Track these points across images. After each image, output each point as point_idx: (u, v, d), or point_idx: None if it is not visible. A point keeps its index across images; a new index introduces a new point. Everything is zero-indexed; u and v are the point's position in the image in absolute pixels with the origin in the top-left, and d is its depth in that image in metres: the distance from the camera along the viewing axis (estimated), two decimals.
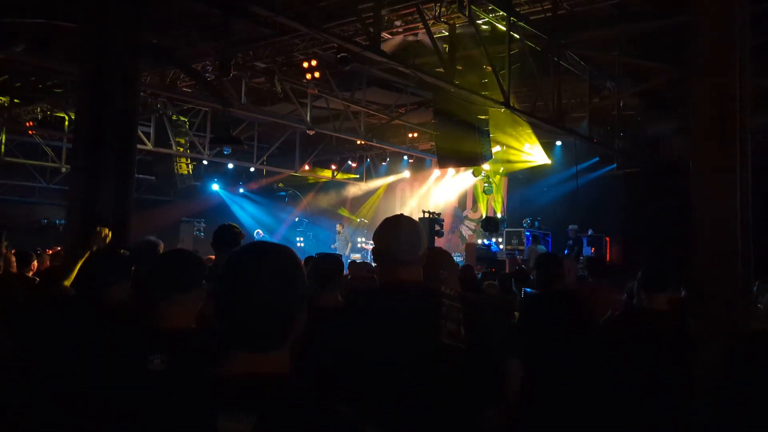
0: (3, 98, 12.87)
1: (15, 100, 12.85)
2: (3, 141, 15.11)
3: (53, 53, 9.02)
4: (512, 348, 2.65)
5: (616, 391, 3.54)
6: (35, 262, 5.72)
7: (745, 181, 3.50)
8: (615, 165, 12.96)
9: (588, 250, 12.83)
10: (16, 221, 16.47)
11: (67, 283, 2.99)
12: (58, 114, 14.25)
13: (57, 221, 17.38)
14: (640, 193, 12.54)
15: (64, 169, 16.04)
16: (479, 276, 6.93)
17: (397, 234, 2.18)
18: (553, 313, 4.04)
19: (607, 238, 13.30)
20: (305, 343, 1.38)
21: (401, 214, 2.37)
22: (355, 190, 19.14)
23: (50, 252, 10.43)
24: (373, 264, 2.59)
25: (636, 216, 12.49)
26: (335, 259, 3.30)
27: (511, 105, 9.57)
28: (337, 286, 3.09)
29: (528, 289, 5.90)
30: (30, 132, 14.87)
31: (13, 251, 5.32)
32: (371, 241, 12.46)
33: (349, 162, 18.19)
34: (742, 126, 3.40)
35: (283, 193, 20.41)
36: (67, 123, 14.34)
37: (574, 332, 3.91)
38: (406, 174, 18.09)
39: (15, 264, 5.39)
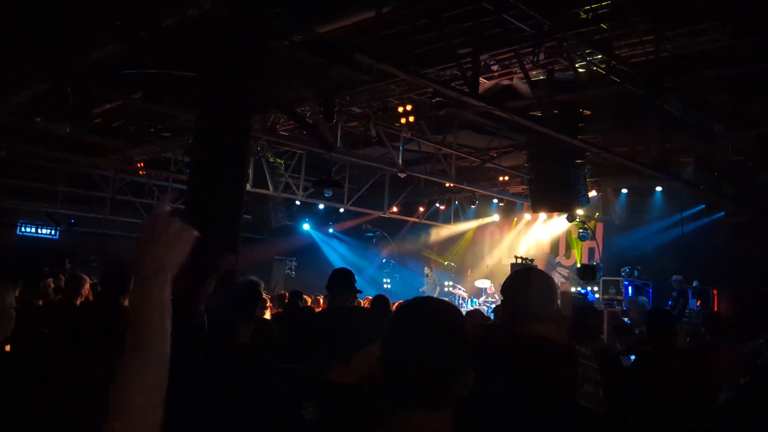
0: (118, 141, 13.86)
1: (129, 143, 13.81)
2: (116, 180, 16.27)
3: (167, 99, 9.66)
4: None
5: None
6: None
7: None
8: (723, 213, 12.21)
9: (693, 303, 12.03)
10: (122, 255, 17.53)
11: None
12: (165, 155, 15.17)
13: None
14: (750, 243, 11.73)
15: (168, 208, 16.93)
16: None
17: (531, 287, 2.11)
18: (671, 374, 3.76)
19: (714, 291, 12.44)
20: None
21: (532, 267, 2.30)
22: (442, 232, 19.04)
23: None
24: (494, 316, 2.50)
25: (746, 267, 11.66)
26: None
27: (611, 149, 9.28)
28: None
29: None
30: (141, 173, 15.89)
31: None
32: (459, 286, 12.28)
33: (437, 204, 18.18)
34: None
35: (371, 234, 20.63)
36: (173, 163, 15.23)
37: (696, 397, 3.62)
38: (496, 217, 17.83)
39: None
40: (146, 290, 1.14)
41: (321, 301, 7.73)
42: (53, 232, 18.27)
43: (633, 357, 4.99)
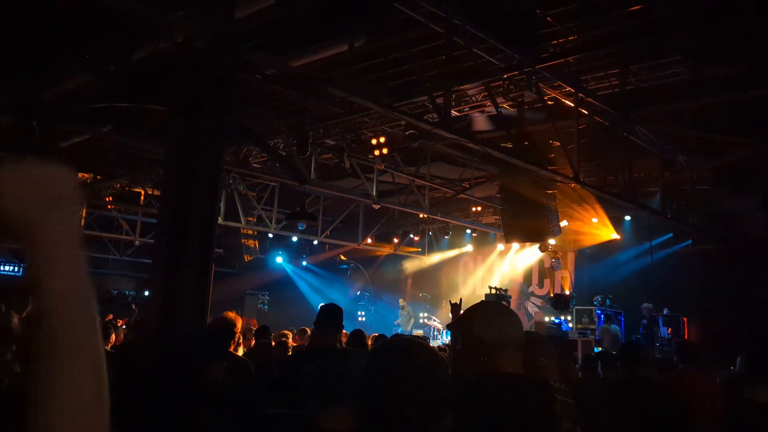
0: (87, 174, 13.63)
1: (98, 177, 13.59)
2: (83, 215, 15.95)
3: (137, 132, 9.56)
4: None
5: None
6: (113, 335, 5.84)
7: None
8: (690, 241, 12.46)
9: (664, 331, 12.17)
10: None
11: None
12: (134, 189, 14.96)
13: (126, 292, 17.95)
14: (718, 271, 11.96)
15: (137, 242, 16.67)
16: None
17: (503, 320, 2.06)
18: (645, 402, 3.75)
19: (684, 318, 12.61)
20: None
21: (497, 300, 2.27)
22: (417, 263, 19.03)
23: (122, 323, 10.68)
24: (454, 350, 2.39)
25: (713, 295, 11.86)
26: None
27: (581, 180, 9.43)
28: None
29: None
30: (109, 207, 15.62)
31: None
32: (434, 317, 12.20)
33: (411, 235, 18.20)
34: None
35: (345, 266, 20.51)
36: (142, 197, 15.02)
37: (666, 426, 3.61)
38: (469, 248, 17.90)
39: None
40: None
41: (290, 337, 7.57)
42: (17, 269, 17.76)
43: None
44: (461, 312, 2.20)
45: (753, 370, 3.68)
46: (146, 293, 13.11)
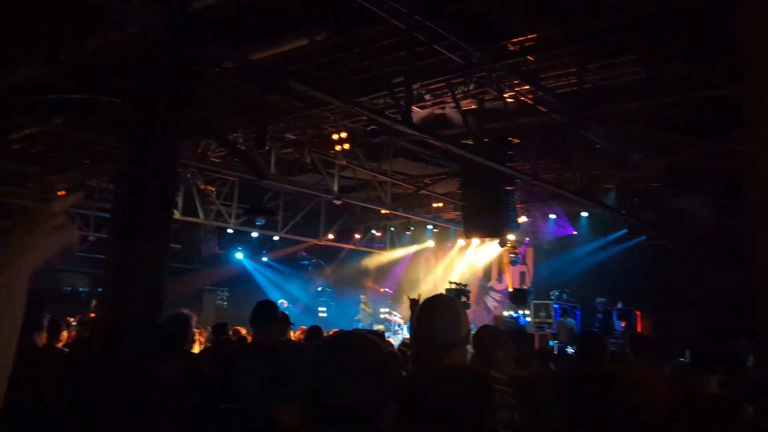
0: (36, 168, 13.19)
1: (48, 170, 13.16)
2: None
3: (90, 125, 9.29)
4: None
5: None
6: (65, 332, 5.67)
7: None
8: (644, 237, 12.80)
9: (618, 324, 12.48)
10: (39, 289, 16.56)
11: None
12: (88, 183, 14.55)
13: (81, 289, 17.48)
14: (670, 266, 12.32)
15: (91, 237, 16.24)
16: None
17: (441, 316, 2.10)
18: (597, 396, 3.84)
19: (638, 312, 12.95)
20: None
21: (442, 295, 2.30)
22: (378, 259, 19.06)
23: (74, 320, 10.40)
24: (411, 347, 2.46)
25: (666, 289, 12.22)
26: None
27: (539, 176, 9.59)
28: None
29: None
30: None
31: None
32: (395, 312, 12.26)
33: (373, 231, 18.20)
34: None
35: (306, 262, 20.39)
36: (96, 191, 14.62)
37: (621, 418, 3.70)
38: (431, 243, 18.02)
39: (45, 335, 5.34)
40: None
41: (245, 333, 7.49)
42: None
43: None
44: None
45: (699, 363, 3.81)
46: (100, 289, 12.79)
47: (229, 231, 16.51)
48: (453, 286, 13.56)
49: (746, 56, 3.79)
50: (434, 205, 15.39)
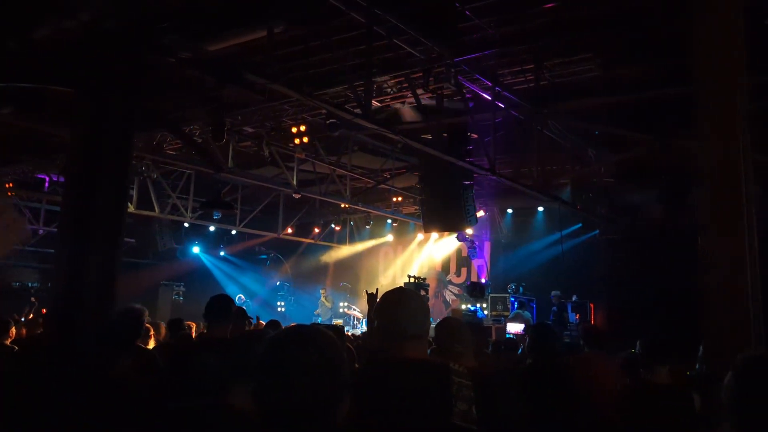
0: None
1: None
2: None
3: (41, 115, 8.98)
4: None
5: None
6: (13, 329, 5.49)
7: (752, 245, 3.56)
8: (597, 231, 13.11)
9: (573, 317, 12.77)
10: None
11: None
12: (38, 175, 14.09)
13: (29, 284, 16.91)
14: (622, 260, 12.66)
15: (41, 231, 15.74)
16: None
17: (402, 309, 2.12)
18: (549, 386, 3.93)
19: (591, 305, 13.28)
20: None
21: (403, 288, 2.32)
22: (338, 253, 19.02)
23: (24, 318, 10.08)
24: (368, 340, 2.48)
25: (618, 282, 12.56)
26: None
27: (497, 171, 9.72)
28: None
29: None
30: (9, 194, 14.63)
31: None
32: (354, 307, 12.25)
33: (332, 225, 18.16)
34: (747, 192, 3.47)
35: (264, 257, 20.19)
36: (47, 185, 14.18)
37: (571, 408, 3.80)
38: (390, 238, 18.08)
39: None
40: None
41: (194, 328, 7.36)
42: None
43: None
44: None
45: (649, 353, 3.93)
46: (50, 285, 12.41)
47: (186, 225, 16.24)
48: (412, 279, 13.64)
49: (696, 56, 3.93)
50: (394, 199, 15.44)
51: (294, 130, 10.25)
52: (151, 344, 5.28)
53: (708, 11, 3.78)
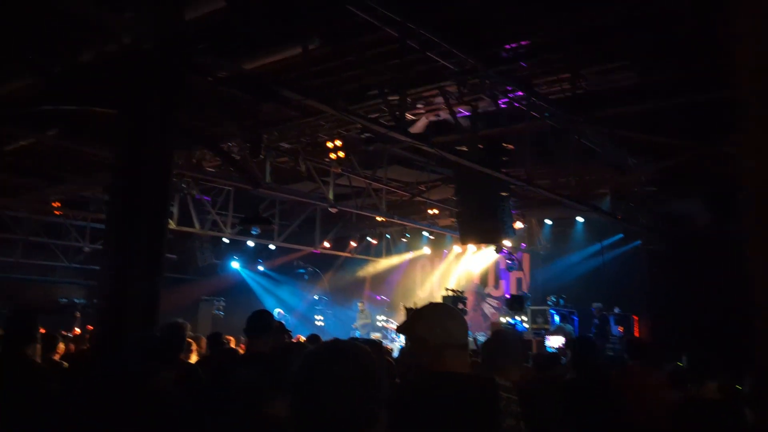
0: (31, 180, 13.16)
1: (43, 182, 13.14)
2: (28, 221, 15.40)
3: (85, 136, 9.27)
4: None
5: None
6: (62, 345, 5.63)
7: None
8: (639, 242, 12.81)
9: (615, 329, 12.48)
10: (34, 301, 16.48)
11: None
12: (83, 194, 14.52)
13: (76, 300, 17.38)
14: (666, 271, 12.34)
15: (87, 249, 16.19)
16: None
17: (446, 321, 2.10)
18: (594, 400, 3.84)
19: (635, 317, 12.96)
20: None
21: (442, 303, 2.30)
22: (375, 267, 19.03)
23: (71, 333, 10.34)
24: (411, 352, 2.44)
25: (662, 293, 12.23)
26: None
27: (533, 182, 9.61)
28: None
29: None
30: (56, 213, 15.12)
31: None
32: (392, 320, 12.21)
33: (369, 239, 18.18)
34: None
35: (302, 271, 20.34)
36: (91, 203, 14.57)
37: (616, 422, 3.70)
38: (426, 250, 18.00)
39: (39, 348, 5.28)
40: None
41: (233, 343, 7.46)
42: None
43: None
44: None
45: (696, 367, 3.81)
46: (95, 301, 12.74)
47: (225, 240, 16.48)
48: (450, 293, 13.55)
49: (738, 58, 3.82)
50: (430, 211, 15.38)
51: (329, 145, 10.33)
52: (194, 358, 5.36)
53: (749, 9, 3.68)
